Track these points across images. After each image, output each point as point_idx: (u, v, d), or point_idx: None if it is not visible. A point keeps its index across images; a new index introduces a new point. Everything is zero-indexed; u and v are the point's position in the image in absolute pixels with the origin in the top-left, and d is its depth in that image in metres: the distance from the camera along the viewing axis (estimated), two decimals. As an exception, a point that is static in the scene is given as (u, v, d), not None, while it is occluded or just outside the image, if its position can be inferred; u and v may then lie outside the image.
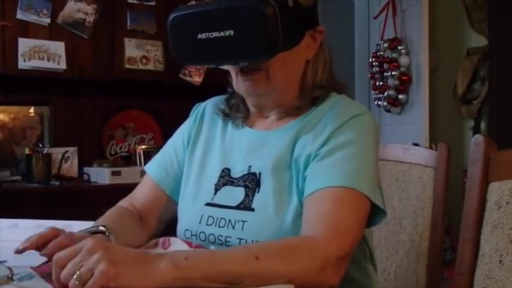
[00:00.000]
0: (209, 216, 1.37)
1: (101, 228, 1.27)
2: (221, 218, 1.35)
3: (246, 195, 1.35)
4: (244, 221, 1.31)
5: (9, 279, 1.07)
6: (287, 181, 1.32)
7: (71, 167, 3.87)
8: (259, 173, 1.36)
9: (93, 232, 1.26)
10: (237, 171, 1.40)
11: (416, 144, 3.37)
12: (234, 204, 1.36)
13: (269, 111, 1.44)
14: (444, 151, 1.68)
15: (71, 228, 1.40)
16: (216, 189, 1.41)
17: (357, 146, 1.29)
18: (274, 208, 1.30)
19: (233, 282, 1.05)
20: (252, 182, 1.36)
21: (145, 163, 3.93)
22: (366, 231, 1.39)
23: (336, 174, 1.24)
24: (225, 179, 1.41)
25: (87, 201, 3.42)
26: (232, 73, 1.41)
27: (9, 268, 1.10)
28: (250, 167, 1.38)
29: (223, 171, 1.42)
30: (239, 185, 1.38)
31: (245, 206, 1.34)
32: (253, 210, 1.32)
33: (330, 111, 1.36)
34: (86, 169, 3.85)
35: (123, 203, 1.54)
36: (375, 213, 1.28)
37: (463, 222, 1.36)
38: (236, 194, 1.36)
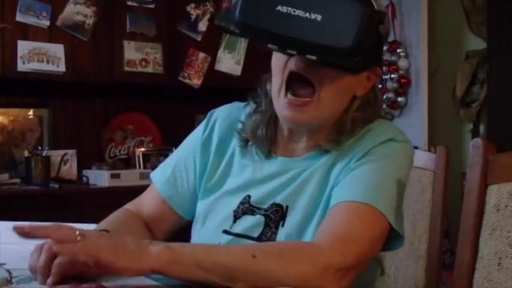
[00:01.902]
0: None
1: (103, 233, 1.26)
2: None
3: (267, 225, 1.29)
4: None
5: (8, 281, 1.07)
6: (315, 215, 1.26)
7: (70, 169, 3.86)
8: (286, 206, 1.29)
9: None
10: (260, 200, 1.32)
11: (415, 147, 3.37)
12: (255, 235, 1.30)
13: (301, 137, 1.33)
14: (443, 154, 1.68)
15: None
16: (236, 217, 1.33)
17: (383, 163, 1.25)
18: None
19: (227, 275, 1.05)
20: (275, 213, 1.29)
21: (144, 166, 3.98)
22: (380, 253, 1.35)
23: (355, 189, 1.21)
24: (246, 206, 1.33)
25: (86, 204, 3.42)
26: (278, 76, 1.27)
27: (8, 271, 1.09)
28: (276, 197, 1.31)
29: (244, 198, 1.34)
30: (259, 214, 1.31)
31: (268, 239, 1.28)
32: None
33: (366, 138, 1.29)
34: (85, 172, 3.84)
35: (130, 206, 1.50)
36: (392, 238, 1.24)
37: (462, 225, 1.37)
38: (256, 224, 1.30)
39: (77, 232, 1.02)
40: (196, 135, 1.48)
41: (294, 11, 1.14)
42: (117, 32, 3.92)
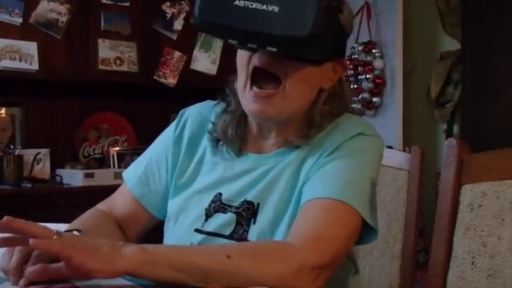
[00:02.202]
0: (199, 244, 1.31)
1: (75, 232, 1.23)
2: None
3: (239, 223, 1.29)
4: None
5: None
6: (286, 212, 1.26)
7: (43, 168, 3.82)
8: (258, 204, 1.29)
9: None
10: (231, 198, 1.32)
11: (390, 147, 3.39)
12: (227, 233, 1.30)
13: (270, 132, 1.34)
14: (418, 154, 1.69)
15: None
16: (207, 215, 1.33)
17: (354, 158, 1.25)
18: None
19: (201, 276, 1.05)
20: (247, 210, 1.29)
21: (119, 165, 3.95)
22: (354, 249, 1.36)
23: (327, 185, 1.21)
24: (217, 204, 1.33)
25: (59, 204, 3.39)
26: (242, 73, 1.28)
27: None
28: (247, 195, 1.31)
29: (215, 195, 1.34)
30: (231, 212, 1.31)
31: (240, 236, 1.28)
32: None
33: (335, 132, 1.29)
34: (58, 171, 3.81)
35: (101, 206, 1.49)
36: (366, 232, 1.24)
37: (436, 224, 1.37)
38: (228, 222, 1.30)
39: (55, 231, 1.01)
40: (167, 134, 1.47)
41: (251, 4, 1.15)
42: (91, 30, 3.89)
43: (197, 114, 1.46)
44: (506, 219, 1.26)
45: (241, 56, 1.29)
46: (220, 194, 1.34)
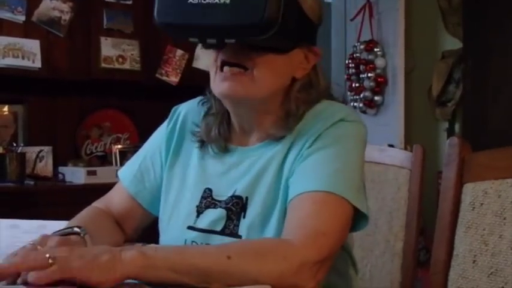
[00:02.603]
0: (193, 241, 1.33)
1: (76, 229, 1.24)
2: (206, 244, 1.30)
3: (229, 218, 1.30)
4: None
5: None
6: (276, 205, 1.27)
7: (45, 166, 3.83)
8: (246, 198, 1.30)
9: (68, 233, 1.22)
10: (221, 193, 1.33)
11: (391, 146, 3.40)
12: (218, 229, 1.31)
13: (251, 127, 1.35)
14: (419, 153, 1.69)
15: (46, 229, 1.38)
16: (199, 212, 1.34)
17: (339, 147, 1.25)
18: (263, 234, 1.26)
19: (202, 277, 1.05)
20: (236, 205, 1.30)
21: (121, 163, 3.96)
22: (348, 240, 1.36)
23: (316, 177, 1.21)
24: (208, 200, 1.34)
25: (62, 201, 3.39)
26: (212, 71, 1.30)
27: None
28: (235, 189, 1.32)
29: (205, 191, 1.36)
30: (221, 207, 1.32)
31: (231, 231, 1.29)
32: (240, 237, 1.28)
33: (316, 119, 1.29)
34: (60, 168, 3.81)
35: (98, 204, 1.50)
36: (358, 218, 1.25)
37: (438, 223, 1.38)
38: (219, 217, 1.31)
39: (47, 255, 1.00)
40: (161, 131, 1.49)
41: (204, 0, 1.16)
42: (93, 28, 3.89)
43: (187, 111, 1.47)
44: (508, 218, 1.26)
45: (210, 56, 1.31)
46: (210, 189, 1.35)
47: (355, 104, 4.61)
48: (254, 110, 1.32)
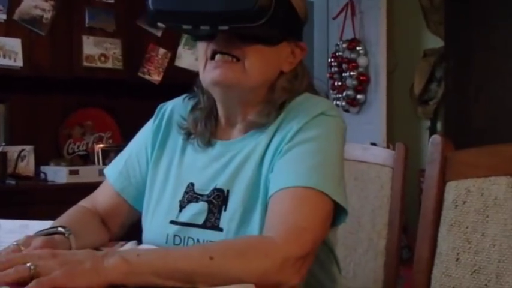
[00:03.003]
0: (175, 235, 1.33)
1: (60, 229, 1.24)
2: (188, 238, 1.32)
3: (210, 211, 1.31)
4: (212, 242, 1.27)
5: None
6: (257, 198, 1.28)
7: (27, 165, 3.80)
8: (227, 190, 1.31)
9: (52, 233, 1.22)
10: (203, 187, 1.35)
11: (374, 144, 3.41)
12: (200, 222, 1.31)
13: (236, 117, 1.37)
14: (401, 151, 1.70)
15: (28, 229, 1.38)
16: (181, 206, 1.35)
17: (318, 142, 1.26)
18: (245, 227, 1.26)
19: (187, 280, 1.05)
20: (217, 198, 1.31)
21: (103, 162, 3.94)
22: (331, 237, 1.37)
23: (294, 172, 1.22)
24: (190, 194, 1.35)
25: (44, 201, 3.36)
26: (202, 62, 1.32)
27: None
28: (217, 182, 1.33)
29: (188, 186, 1.37)
30: (202, 201, 1.33)
31: (212, 224, 1.30)
32: (221, 230, 1.28)
33: (295, 112, 1.31)
34: (42, 168, 3.78)
35: (85, 202, 1.50)
36: (338, 212, 1.25)
37: (421, 221, 1.39)
38: (200, 211, 1.32)
39: (28, 265, 0.99)
40: (147, 128, 1.51)
41: None
42: (75, 26, 3.87)
43: (172, 108, 1.49)
44: (490, 216, 1.27)
45: (201, 47, 1.33)
46: (192, 184, 1.36)
47: (337, 102, 4.63)
48: (242, 100, 1.34)
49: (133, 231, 1.50)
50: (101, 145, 4.12)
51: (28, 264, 0.99)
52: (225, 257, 1.08)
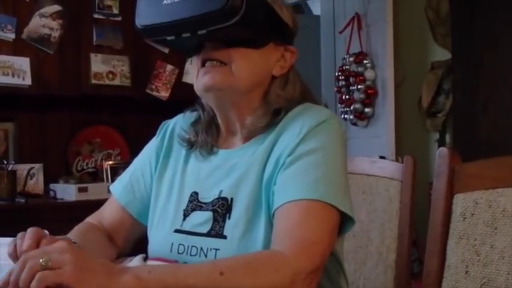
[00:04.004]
0: (179, 244, 1.34)
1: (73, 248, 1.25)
2: (192, 246, 1.32)
3: (215, 220, 1.31)
4: (216, 249, 1.28)
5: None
6: (261, 206, 1.28)
7: (36, 183, 3.82)
8: (231, 199, 1.31)
9: None
10: (207, 195, 1.35)
11: (382, 157, 3.40)
12: (205, 230, 1.32)
13: (235, 126, 1.39)
14: (410, 164, 1.70)
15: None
16: (185, 215, 1.37)
17: (321, 153, 1.26)
18: (249, 235, 1.27)
19: None
20: (221, 206, 1.32)
21: (112, 179, 3.94)
22: (337, 247, 1.36)
23: (300, 185, 1.22)
24: (194, 203, 1.37)
25: (53, 218, 3.37)
26: (195, 73, 1.37)
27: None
28: (221, 191, 1.34)
29: (191, 195, 1.38)
30: (207, 209, 1.33)
31: (216, 233, 1.30)
32: (225, 237, 1.28)
33: (296, 122, 1.31)
34: (52, 186, 3.80)
35: (91, 219, 1.52)
36: (344, 221, 1.25)
37: (429, 234, 1.38)
38: (205, 220, 1.32)
39: (41, 260, 0.99)
40: (150, 145, 1.54)
41: None
42: (83, 44, 3.90)
43: (176, 122, 1.52)
44: (499, 228, 1.26)
45: (193, 62, 1.38)
46: (196, 193, 1.38)
47: (345, 116, 4.63)
48: (236, 104, 1.36)
49: (139, 246, 1.50)
50: (110, 162, 4.13)
51: (41, 260, 0.99)
52: (235, 272, 1.08)
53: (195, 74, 1.36)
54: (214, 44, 1.31)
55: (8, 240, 1.52)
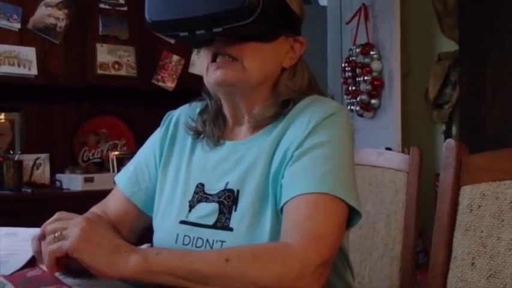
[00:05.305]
0: (185, 235, 1.34)
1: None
2: (198, 238, 1.31)
3: (221, 212, 1.31)
4: (222, 241, 1.27)
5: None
6: (267, 198, 1.27)
7: (42, 173, 3.82)
8: (237, 191, 1.31)
9: None
10: (213, 187, 1.35)
11: (389, 149, 3.40)
12: (211, 222, 1.31)
13: (243, 117, 1.39)
14: (416, 155, 1.69)
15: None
16: (191, 206, 1.36)
17: (329, 146, 1.25)
18: (255, 228, 1.26)
19: (201, 281, 1.06)
20: (228, 198, 1.31)
21: (118, 169, 3.95)
22: (344, 241, 1.35)
23: (308, 179, 1.21)
24: (200, 195, 1.36)
25: (59, 208, 3.33)
26: (205, 67, 1.36)
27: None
28: (227, 183, 1.33)
29: (197, 186, 1.38)
30: (213, 201, 1.33)
31: (222, 225, 1.29)
32: (231, 230, 1.28)
33: (304, 114, 1.31)
34: (58, 176, 3.81)
35: (96, 209, 1.52)
36: (351, 215, 1.25)
37: (436, 225, 1.38)
38: (211, 211, 1.32)
39: (55, 235, 1.08)
40: (155, 135, 1.54)
41: None
42: (89, 34, 3.89)
43: (181, 112, 1.52)
44: (506, 220, 1.26)
45: (203, 54, 1.36)
46: (202, 184, 1.37)
47: (352, 107, 4.62)
48: (247, 98, 1.36)
49: (144, 237, 1.51)
50: (116, 152, 4.14)
51: (56, 234, 1.08)
52: (241, 260, 1.09)
53: (205, 67, 1.35)
54: (226, 38, 1.30)
55: (6, 230, 1.53)
